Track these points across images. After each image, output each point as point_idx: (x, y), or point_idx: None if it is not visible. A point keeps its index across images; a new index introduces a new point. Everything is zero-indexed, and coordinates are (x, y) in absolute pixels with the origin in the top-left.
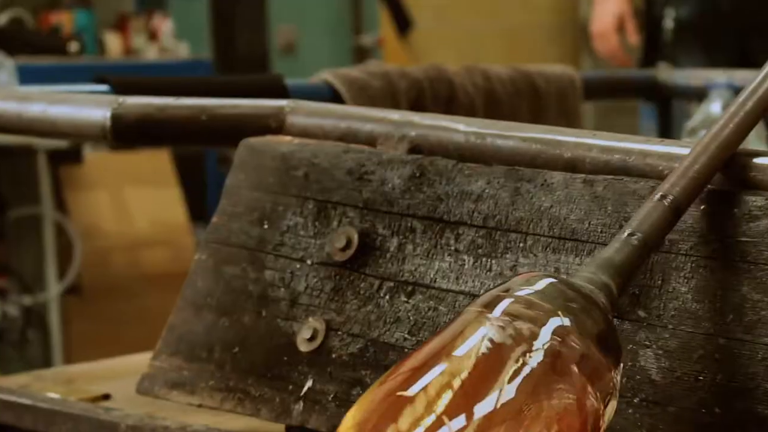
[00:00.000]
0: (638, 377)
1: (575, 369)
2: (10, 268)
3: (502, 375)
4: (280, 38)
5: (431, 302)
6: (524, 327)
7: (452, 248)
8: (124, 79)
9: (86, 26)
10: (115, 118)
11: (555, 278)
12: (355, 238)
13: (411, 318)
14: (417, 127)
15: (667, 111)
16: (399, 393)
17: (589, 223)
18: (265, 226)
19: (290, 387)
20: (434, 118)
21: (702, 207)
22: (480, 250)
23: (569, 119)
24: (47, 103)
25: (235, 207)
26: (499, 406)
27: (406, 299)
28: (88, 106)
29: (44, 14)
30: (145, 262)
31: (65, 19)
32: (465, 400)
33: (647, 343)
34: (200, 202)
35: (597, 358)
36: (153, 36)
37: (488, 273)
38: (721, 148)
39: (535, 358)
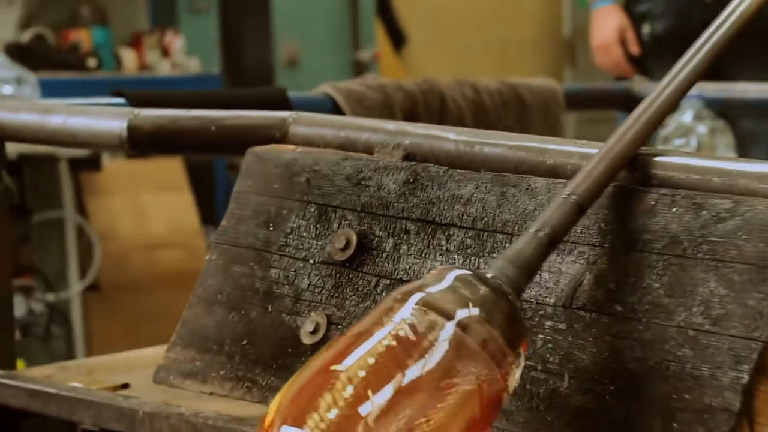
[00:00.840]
0: (614, 366)
1: (480, 351)
2: (34, 268)
3: (414, 357)
4: (283, 53)
5: None
6: (435, 317)
7: (443, 248)
8: (139, 92)
9: (103, 43)
10: (131, 129)
11: (466, 271)
12: (354, 239)
13: None
14: (411, 136)
15: None
16: (332, 367)
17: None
18: (271, 228)
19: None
20: (427, 128)
21: (674, 210)
22: (469, 250)
23: (552, 129)
24: (67, 114)
25: (242, 211)
26: (412, 382)
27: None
28: (106, 118)
29: (64, 32)
30: (160, 262)
31: (84, 37)
32: (384, 376)
33: (623, 335)
34: (210, 207)
35: (500, 341)
36: (165, 52)
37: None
38: (622, 150)
39: (443, 343)
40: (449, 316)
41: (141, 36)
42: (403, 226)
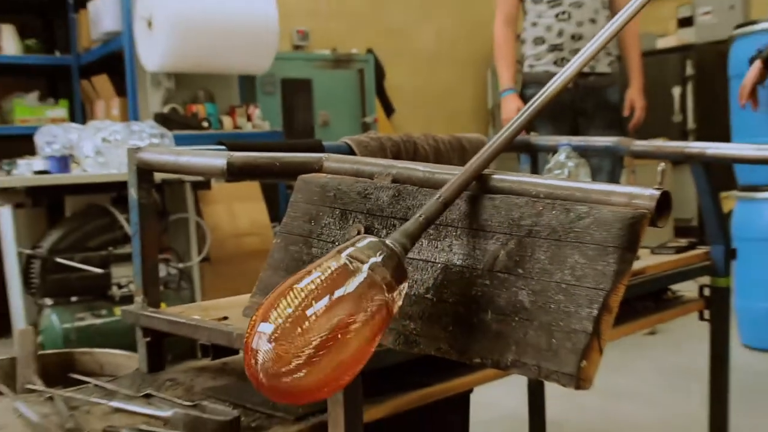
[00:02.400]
0: (518, 306)
1: (380, 283)
2: (170, 248)
3: (345, 283)
4: (319, 119)
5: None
6: (357, 262)
7: None
8: (234, 142)
9: (212, 112)
10: (229, 164)
11: (376, 238)
12: (363, 230)
13: None
14: (396, 168)
15: (536, 159)
16: (294, 285)
17: (491, 222)
18: (312, 224)
19: None
20: (405, 163)
21: (554, 212)
22: (431, 236)
23: None
24: (191, 156)
25: (295, 213)
26: (341, 298)
27: None
28: (214, 158)
29: (189, 106)
30: (245, 245)
31: (200, 109)
32: (323, 293)
33: (523, 287)
34: (276, 210)
35: (391, 280)
36: (249, 118)
37: (436, 249)
38: (473, 171)
39: (361, 276)
40: (364, 262)
41: (234, 108)
42: (392, 223)
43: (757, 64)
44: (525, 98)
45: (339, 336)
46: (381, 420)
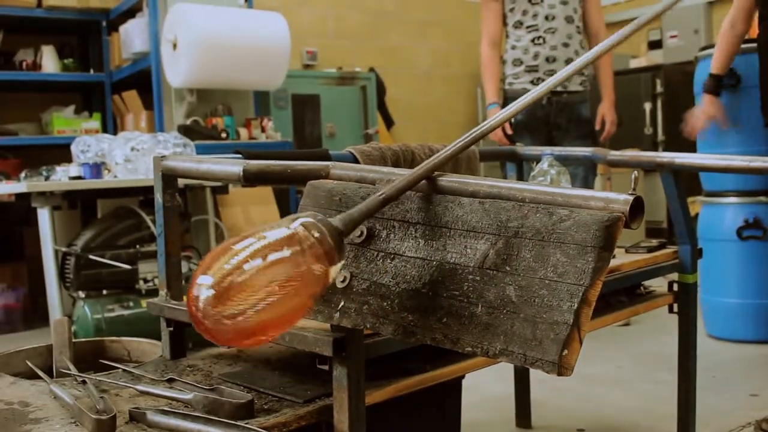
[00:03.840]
0: (505, 300)
1: (321, 251)
2: (192, 246)
3: (286, 247)
4: (326, 130)
5: (402, 263)
6: (304, 231)
7: (413, 235)
8: (249, 151)
9: (230, 124)
10: (245, 171)
11: (320, 216)
12: (365, 230)
13: (392, 271)
14: (395, 176)
15: (521, 167)
16: (230, 246)
17: (481, 223)
18: None
19: (332, 305)
20: (404, 171)
21: (538, 215)
22: (427, 236)
23: (472, 172)
24: (211, 164)
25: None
26: (280, 258)
27: (390, 261)
28: (231, 165)
29: (209, 118)
30: None
31: (220, 121)
32: (263, 252)
33: (510, 282)
34: (287, 213)
35: (329, 252)
36: (263, 129)
37: (431, 248)
38: (421, 174)
39: (307, 243)
40: (309, 231)
41: (250, 120)
42: (392, 224)
43: (708, 98)
44: None
45: (273, 293)
46: (382, 403)
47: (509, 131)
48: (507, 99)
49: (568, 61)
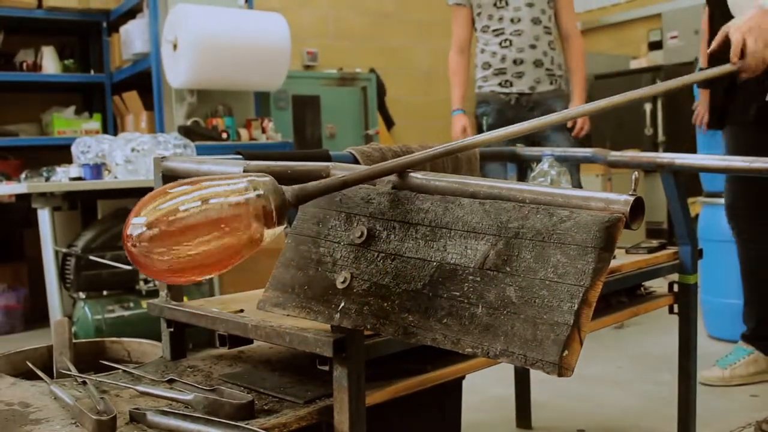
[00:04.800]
0: (506, 300)
1: (260, 211)
2: None
3: (229, 196)
4: (327, 131)
5: (402, 264)
6: (251, 188)
7: (413, 236)
8: (249, 152)
9: (231, 125)
10: (246, 172)
11: (269, 178)
12: (365, 231)
13: (392, 271)
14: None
15: (522, 167)
16: (167, 189)
17: (482, 224)
18: (320, 226)
19: (332, 306)
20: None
21: (538, 216)
22: (427, 237)
23: (472, 172)
24: (211, 164)
25: (305, 215)
26: (218, 207)
27: (390, 262)
28: (232, 166)
29: (209, 119)
30: None
31: (220, 122)
32: (204, 197)
33: (510, 283)
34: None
35: (269, 212)
36: (263, 130)
37: (431, 249)
38: (380, 169)
39: (245, 197)
40: (256, 189)
41: (250, 121)
42: (392, 225)
43: (702, 92)
44: (478, 114)
45: (205, 236)
46: (383, 403)
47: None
48: (478, 102)
49: (536, 63)
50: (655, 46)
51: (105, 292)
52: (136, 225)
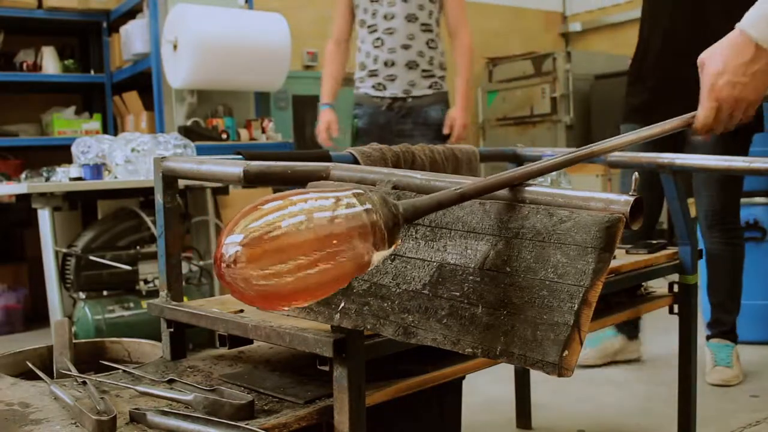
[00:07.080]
0: (505, 300)
1: (369, 229)
2: (192, 247)
3: (334, 213)
4: None
5: (403, 264)
6: (361, 203)
7: (414, 236)
8: (249, 152)
9: (230, 125)
10: (246, 172)
11: (385, 195)
12: None
13: (392, 272)
14: (396, 176)
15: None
16: (258, 206)
17: (482, 224)
18: None
19: (332, 306)
20: (404, 172)
21: (538, 216)
22: (427, 237)
23: (472, 172)
24: (211, 164)
25: None
26: (335, 221)
27: (390, 262)
28: (232, 166)
29: (210, 119)
30: None
31: (220, 122)
32: (306, 212)
33: (510, 283)
34: None
35: (381, 234)
36: (264, 130)
37: (432, 249)
38: (499, 181)
39: (354, 212)
40: (363, 204)
41: (250, 122)
42: None
43: None
44: (352, 115)
45: (310, 259)
46: (383, 404)
47: (335, 134)
48: (355, 103)
49: (409, 64)
50: None
51: (105, 293)
52: (231, 244)
